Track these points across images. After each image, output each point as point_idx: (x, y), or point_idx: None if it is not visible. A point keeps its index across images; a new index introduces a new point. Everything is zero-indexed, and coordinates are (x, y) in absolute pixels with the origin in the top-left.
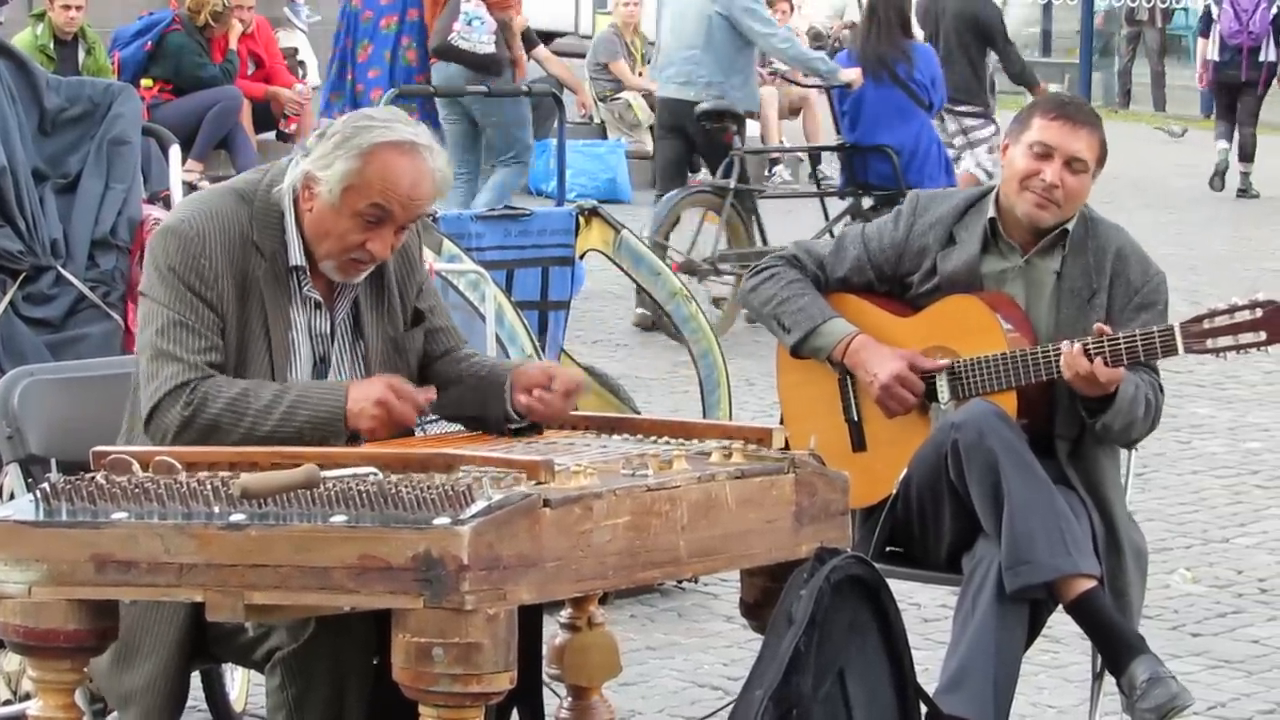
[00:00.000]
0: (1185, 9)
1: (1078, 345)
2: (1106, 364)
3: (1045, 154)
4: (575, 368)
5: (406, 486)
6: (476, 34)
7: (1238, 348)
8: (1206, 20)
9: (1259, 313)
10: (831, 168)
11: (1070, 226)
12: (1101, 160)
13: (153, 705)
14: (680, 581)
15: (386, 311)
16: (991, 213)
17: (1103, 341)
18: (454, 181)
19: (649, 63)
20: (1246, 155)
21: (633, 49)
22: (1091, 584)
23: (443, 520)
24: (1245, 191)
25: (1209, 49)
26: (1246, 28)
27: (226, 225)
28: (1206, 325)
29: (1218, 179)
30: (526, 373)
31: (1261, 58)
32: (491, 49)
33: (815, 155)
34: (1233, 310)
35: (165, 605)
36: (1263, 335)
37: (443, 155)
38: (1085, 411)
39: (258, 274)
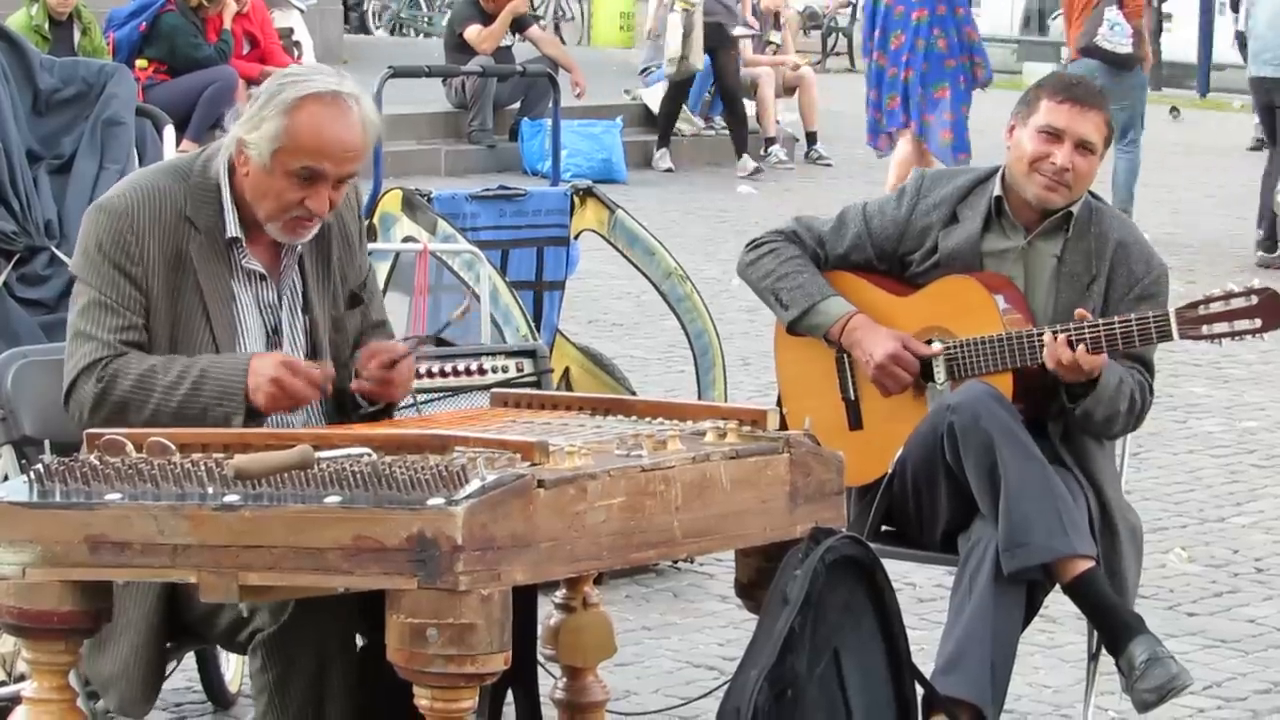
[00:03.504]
0: None
1: (1061, 336)
2: (1089, 350)
3: (1055, 137)
4: (568, 347)
5: (400, 467)
6: (1117, 37)
7: (1233, 334)
8: None
9: (1254, 300)
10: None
11: (1075, 210)
12: (1108, 140)
13: (129, 689)
14: (675, 562)
15: (330, 291)
16: (998, 190)
17: (1083, 327)
18: None
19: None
20: None
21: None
22: (1088, 565)
23: (437, 501)
24: None
25: (1239, 20)
26: None
27: (159, 201)
28: (1202, 311)
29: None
30: (358, 360)
31: None
32: (1129, 49)
33: (811, 136)
34: (1228, 297)
35: (136, 587)
36: (1258, 322)
37: (368, 102)
38: (1067, 396)
39: (191, 249)
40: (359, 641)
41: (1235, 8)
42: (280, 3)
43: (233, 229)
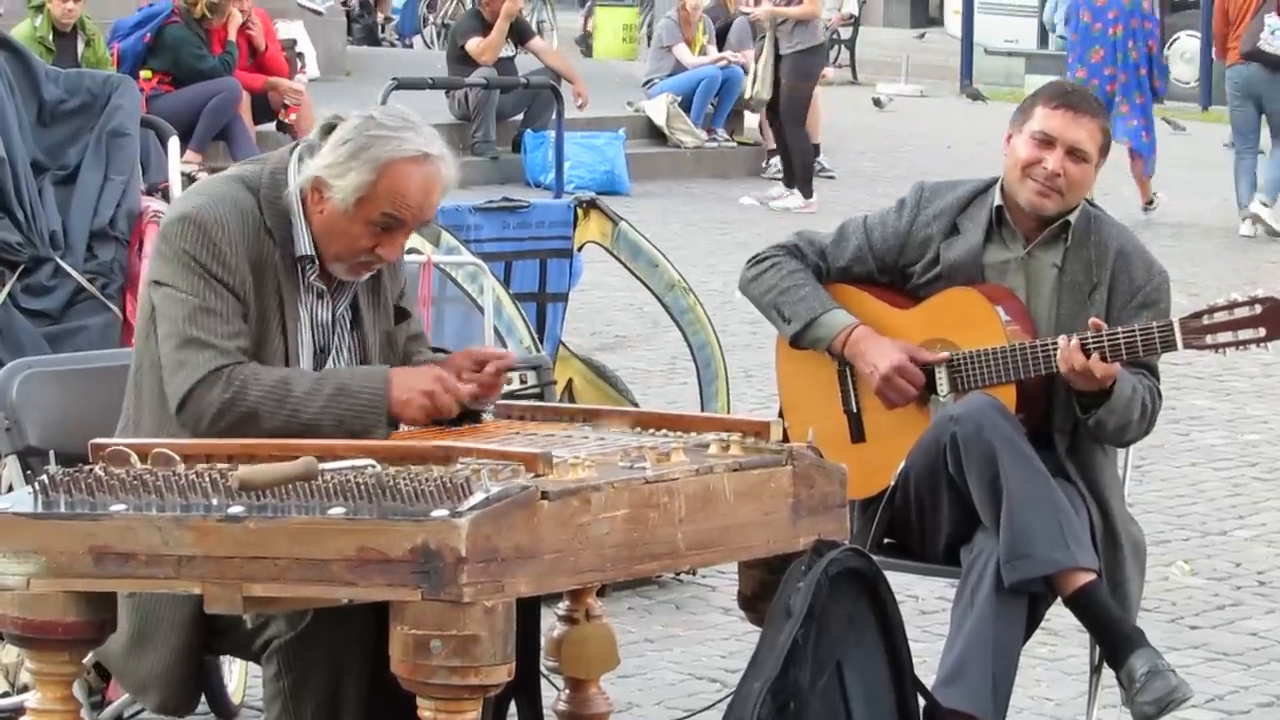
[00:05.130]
0: None
1: (1074, 340)
2: (1104, 359)
3: (1047, 143)
4: (571, 359)
5: (404, 479)
6: (1278, 40)
7: (1237, 344)
8: None
9: (1258, 309)
10: None
11: (1073, 219)
12: (1104, 149)
13: (170, 692)
14: (678, 574)
15: (381, 308)
16: (998, 200)
17: (1101, 337)
18: (1242, 156)
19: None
20: None
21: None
22: (1090, 577)
23: (441, 512)
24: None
25: None
26: None
27: (242, 212)
28: (1206, 321)
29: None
30: (456, 362)
31: None
32: None
33: (814, 148)
34: (1232, 307)
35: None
36: (1262, 332)
37: (451, 158)
38: (1080, 407)
39: (274, 260)
40: None
41: None
42: (295, 10)
43: (305, 247)
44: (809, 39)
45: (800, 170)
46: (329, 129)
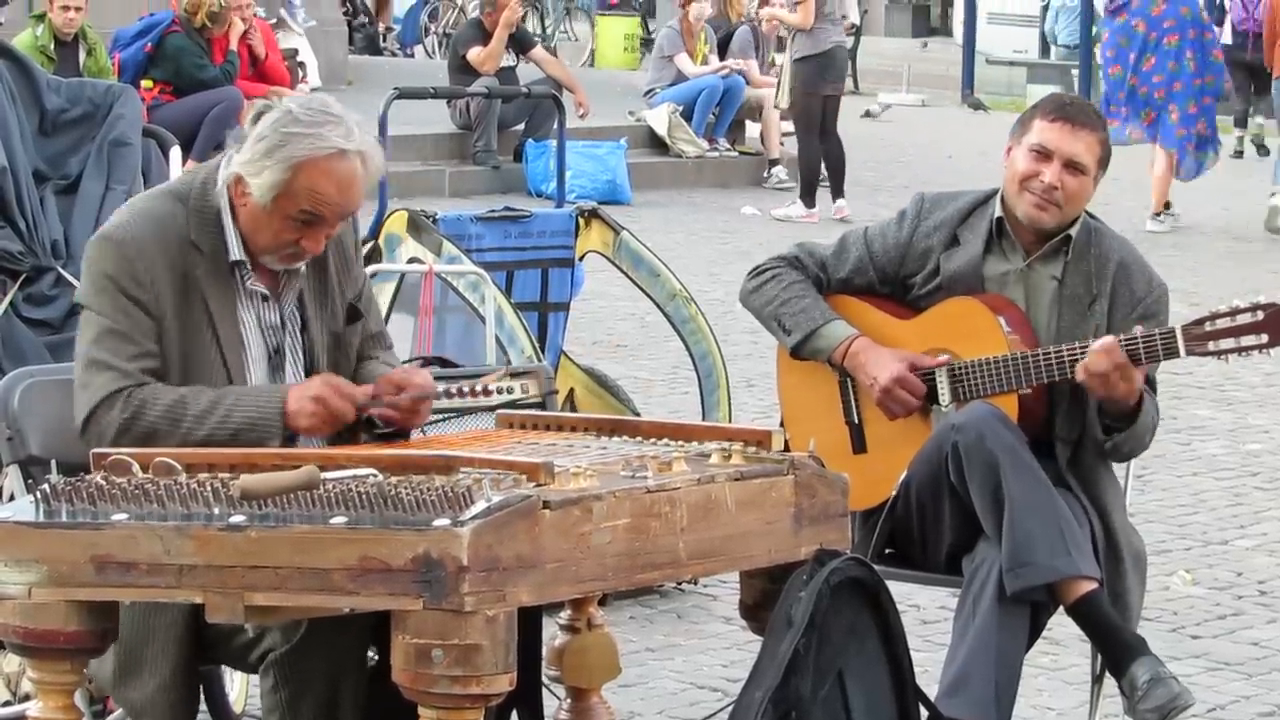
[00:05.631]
0: None
1: (1111, 339)
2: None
3: (1044, 155)
4: (572, 368)
5: (406, 488)
6: None
7: (1239, 350)
8: (1221, 10)
9: (1260, 315)
10: None
11: (1073, 232)
12: (1104, 162)
13: (169, 713)
14: (680, 583)
15: (329, 307)
16: (998, 212)
17: (1089, 345)
18: None
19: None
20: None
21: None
22: (1092, 586)
23: (442, 522)
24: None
25: (1222, 35)
26: (1252, 15)
27: (163, 227)
28: (1208, 328)
29: (1240, 155)
30: (379, 383)
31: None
32: None
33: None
34: (1234, 313)
35: (166, 612)
36: (1264, 338)
37: (373, 153)
38: (1103, 429)
39: (198, 273)
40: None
41: (1220, 22)
42: (282, 25)
43: (236, 252)
44: (809, 47)
45: (804, 179)
46: (258, 117)
